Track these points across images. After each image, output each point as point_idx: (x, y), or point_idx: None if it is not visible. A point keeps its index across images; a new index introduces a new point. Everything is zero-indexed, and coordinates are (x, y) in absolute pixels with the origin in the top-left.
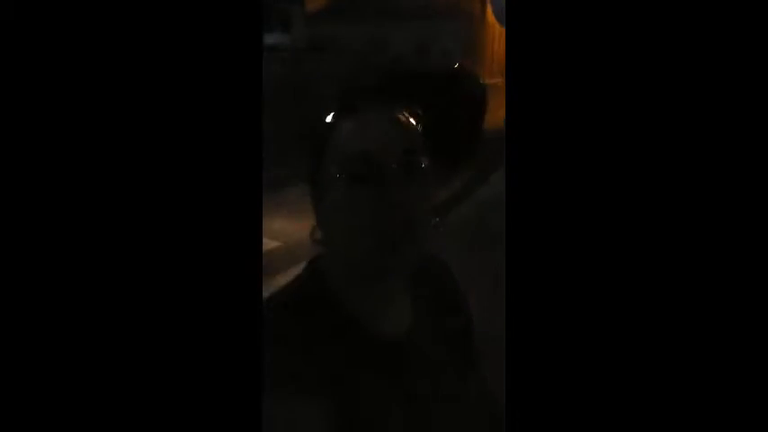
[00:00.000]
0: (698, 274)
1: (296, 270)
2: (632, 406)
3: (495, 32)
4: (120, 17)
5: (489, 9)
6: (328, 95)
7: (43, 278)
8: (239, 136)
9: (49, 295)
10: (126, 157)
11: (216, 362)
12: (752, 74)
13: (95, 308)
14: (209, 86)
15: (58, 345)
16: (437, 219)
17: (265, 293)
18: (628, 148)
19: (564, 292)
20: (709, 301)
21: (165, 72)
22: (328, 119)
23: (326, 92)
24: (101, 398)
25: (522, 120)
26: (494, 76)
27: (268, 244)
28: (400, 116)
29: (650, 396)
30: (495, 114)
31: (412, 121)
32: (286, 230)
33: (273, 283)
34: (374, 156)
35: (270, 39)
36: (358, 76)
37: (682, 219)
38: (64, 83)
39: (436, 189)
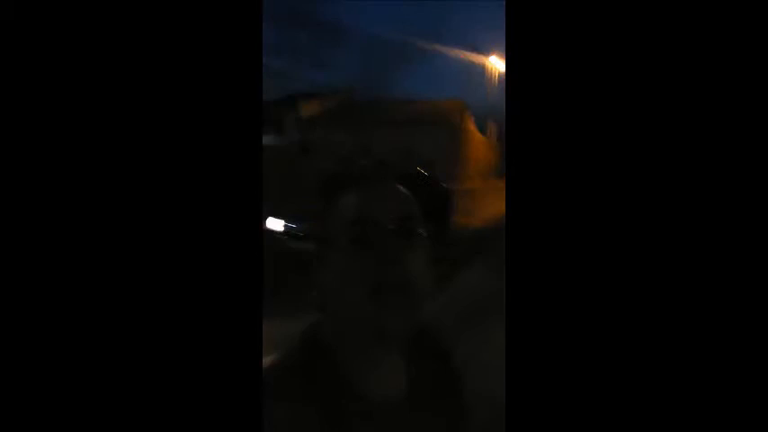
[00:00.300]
0: (691, 289)
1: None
2: (631, 415)
3: (474, 140)
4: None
5: (469, 120)
6: (318, 189)
7: (40, 287)
8: (241, 226)
9: (48, 312)
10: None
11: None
12: (751, 77)
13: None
14: (210, 185)
15: (58, 355)
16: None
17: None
18: (618, 180)
19: (563, 304)
20: (706, 308)
21: (169, 170)
22: (329, 191)
23: (316, 187)
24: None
25: (522, 125)
26: (473, 180)
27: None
28: (397, 187)
29: (649, 401)
30: (485, 211)
31: (408, 192)
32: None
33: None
34: (373, 221)
35: (265, 140)
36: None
37: (672, 244)
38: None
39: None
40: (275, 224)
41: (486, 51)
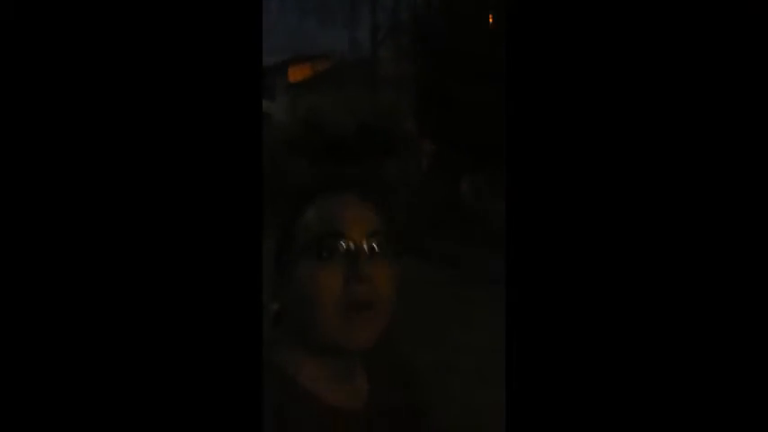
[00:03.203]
0: (690, 293)
1: None
2: (632, 417)
3: None
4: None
5: None
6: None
7: (40, 283)
8: (238, 192)
9: (48, 303)
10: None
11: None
12: (750, 75)
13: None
14: (210, 150)
15: (57, 351)
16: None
17: None
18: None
19: (563, 302)
20: (706, 312)
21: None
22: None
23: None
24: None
25: (522, 125)
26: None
27: None
28: (366, 200)
29: (649, 405)
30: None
31: (376, 205)
32: None
33: None
34: (343, 234)
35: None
36: (331, 140)
37: (671, 244)
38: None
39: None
40: None
41: None
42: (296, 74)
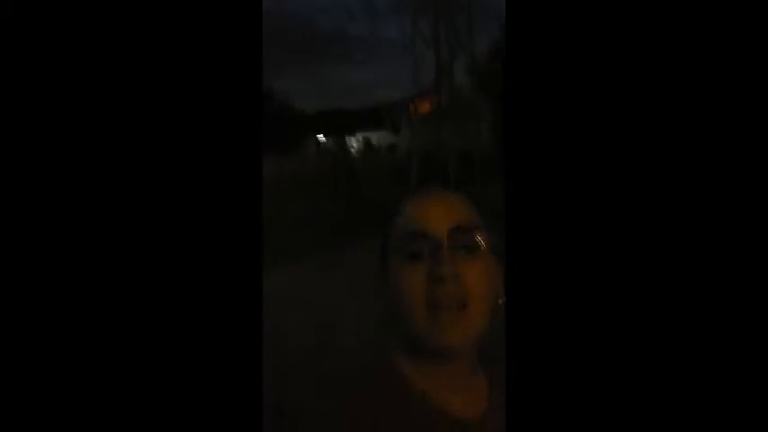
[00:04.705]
0: (686, 300)
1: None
2: (632, 420)
3: None
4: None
5: None
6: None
7: (40, 284)
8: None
9: (48, 307)
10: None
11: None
12: (750, 76)
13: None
14: (210, 183)
15: (57, 352)
16: (503, 299)
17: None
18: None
19: (563, 306)
20: (705, 320)
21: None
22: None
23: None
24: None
25: (519, 132)
26: None
27: None
28: (459, 197)
29: (651, 410)
30: None
31: (470, 202)
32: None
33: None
34: (429, 234)
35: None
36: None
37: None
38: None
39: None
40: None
41: None
42: (419, 108)
